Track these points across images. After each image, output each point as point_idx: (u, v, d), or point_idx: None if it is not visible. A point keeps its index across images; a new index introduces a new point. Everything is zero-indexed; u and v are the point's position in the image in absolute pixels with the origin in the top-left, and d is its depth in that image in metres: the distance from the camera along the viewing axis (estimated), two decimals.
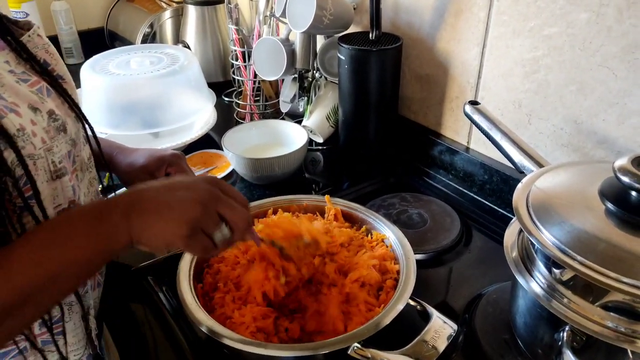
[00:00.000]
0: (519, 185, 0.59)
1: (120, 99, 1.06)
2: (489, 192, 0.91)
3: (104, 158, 0.69)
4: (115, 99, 1.06)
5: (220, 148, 1.13)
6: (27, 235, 0.48)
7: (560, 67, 0.76)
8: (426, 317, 0.59)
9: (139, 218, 0.49)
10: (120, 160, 0.76)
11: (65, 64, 0.63)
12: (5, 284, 0.43)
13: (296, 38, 1.07)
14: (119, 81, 1.06)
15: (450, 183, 0.98)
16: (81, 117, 0.62)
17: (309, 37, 1.07)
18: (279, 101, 1.22)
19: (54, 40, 1.63)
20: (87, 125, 0.63)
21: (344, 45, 0.94)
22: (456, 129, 0.97)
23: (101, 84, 1.06)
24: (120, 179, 0.77)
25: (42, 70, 0.57)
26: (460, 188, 0.96)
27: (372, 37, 0.95)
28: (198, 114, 1.15)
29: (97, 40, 1.70)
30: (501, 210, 0.89)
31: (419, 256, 0.78)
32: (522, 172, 0.66)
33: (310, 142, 1.13)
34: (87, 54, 1.17)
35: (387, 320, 0.57)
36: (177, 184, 0.53)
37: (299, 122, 1.11)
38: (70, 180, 0.56)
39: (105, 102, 1.07)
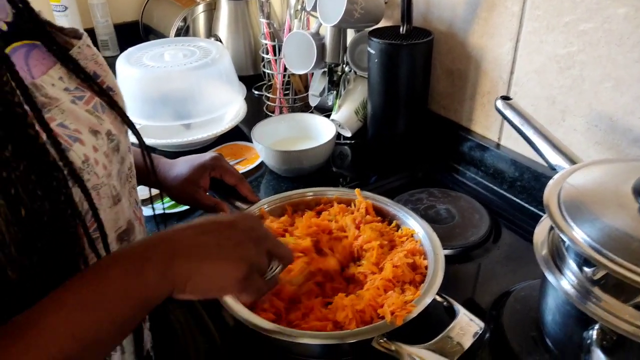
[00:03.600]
0: (551, 182, 0.58)
1: (154, 90, 1.09)
2: (520, 190, 0.90)
3: (142, 175, 0.65)
4: (149, 90, 1.09)
5: (249, 140, 1.14)
6: (57, 296, 0.41)
7: (596, 63, 0.74)
8: (452, 314, 0.59)
9: (183, 265, 0.44)
10: (164, 175, 0.76)
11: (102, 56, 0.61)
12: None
13: (326, 32, 1.07)
14: (153, 73, 1.08)
15: (480, 179, 0.98)
16: (134, 131, 0.59)
17: (339, 31, 1.07)
18: (308, 95, 1.23)
19: (91, 32, 1.67)
20: (140, 139, 0.61)
21: (374, 39, 0.94)
22: (487, 125, 0.97)
23: (136, 75, 1.09)
24: (168, 193, 0.77)
25: (94, 84, 0.53)
26: (490, 185, 0.95)
27: (402, 31, 0.95)
28: (229, 106, 1.17)
29: (131, 34, 1.73)
30: (532, 208, 0.88)
31: (446, 252, 0.77)
32: (554, 169, 0.65)
33: (338, 136, 1.13)
34: (122, 47, 1.20)
35: (413, 314, 0.57)
36: (218, 223, 0.49)
37: (328, 116, 1.12)
38: (125, 201, 0.54)
39: (140, 93, 1.09)
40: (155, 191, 0.82)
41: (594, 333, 0.50)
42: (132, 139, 0.60)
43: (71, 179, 0.44)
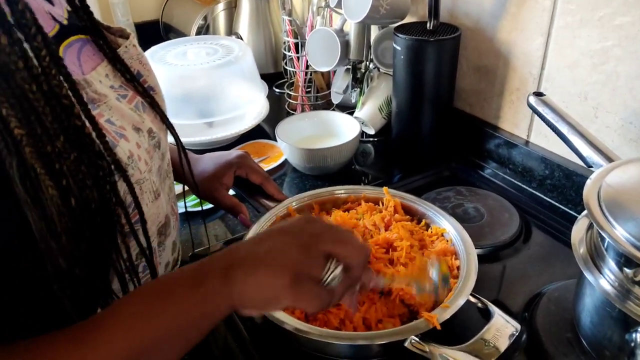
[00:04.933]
0: (589, 181, 0.57)
1: (178, 88, 1.09)
2: (550, 188, 0.88)
3: (191, 174, 0.67)
4: (172, 88, 1.09)
5: (271, 138, 1.14)
6: (117, 306, 0.42)
7: (632, 58, 0.72)
8: (487, 315, 0.58)
9: (238, 278, 0.43)
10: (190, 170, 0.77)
11: None
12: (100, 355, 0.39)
13: (350, 28, 1.06)
14: (177, 71, 1.08)
15: (507, 177, 0.96)
16: (173, 132, 0.60)
17: (364, 27, 1.06)
18: (330, 92, 1.22)
19: None
20: (177, 138, 0.62)
21: (400, 35, 0.93)
22: (515, 122, 0.95)
23: (160, 74, 1.07)
24: (191, 189, 0.77)
25: (137, 84, 0.55)
26: (518, 183, 0.94)
27: (429, 27, 0.93)
28: (251, 104, 1.17)
29: (152, 32, 1.74)
30: (562, 207, 0.86)
31: (476, 251, 0.76)
32: (590, 167, 0.63)
33: (362, 133, 1.12)
34: (143, 46, 1.19)
35: (447, 315, 0.56)
36: (273, 231, 0.48)
37: (350, 114, 1.11)
38: (164, 196, 0.55)
39: (164, 91, 1.07)
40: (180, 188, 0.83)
41: (637, 335, 0.48)
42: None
43: (117, 171, 0.45)
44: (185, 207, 0.74)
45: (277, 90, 1.39)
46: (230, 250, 0.46)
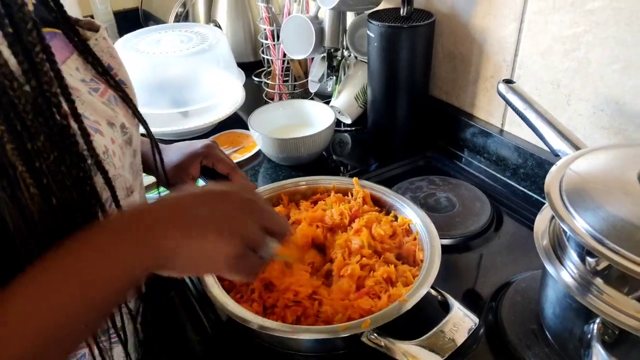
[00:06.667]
0: (553, 168, 0.55)
1: (151, 77, 1.07)
2: (523, 177, 0.87)
3: (163, 169, 0.66)
4: (145, 77, 1.07)
5: (248, 128, 1.12)
6: (28, 275, 0.36)
7: (603, 44, 0.71)
8: (447, 308, 0.57)
9: (169, 236, 0.40)
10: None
11: None
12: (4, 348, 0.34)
13: (325, 15, 1.04)
14: (150, 60, 1.06)
15: (482, 167, 0.95)
16: (145, 126, 0.58)
17: (339, 14, 1.04)
18: (308, 81, 1.20)
19: None
20: (150, 133, 0.61)
21: (373, 22, 0.91)
22: (490, 110, 0.93)
23: (133, 62, 1.07)
24: (156, 179, 0.76)
25: (108, 77, 0.53)
26: (493, 172, 0.93)
27: (403, 13, 0.91)
28: (227, 93, 1.15)
29: (131, 21, 1.71)
30: (535, 196, 0.85)
31: (446, 241, 0.75)
32: (557, 156, 0.62)
33: (338, 122, 1.11)
34: (122, 34, 1.18)
35: (407, 307, 0.55)
36: (213, 195, 0.45)
37: (328, 103, 1.09)
38: (137, 193, 0.54)
39: (137, 80, 1.05)
40: (149, 180, 0.81)
41: (594, 327, 0.48)
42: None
43: (96, 169, 0.44)
44: (152, 199, 0.72)
45: (255, 79, 1.37)
46: (156, 207, 0.42)
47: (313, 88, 1.18)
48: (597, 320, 0.48)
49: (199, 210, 0.42)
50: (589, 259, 0.50)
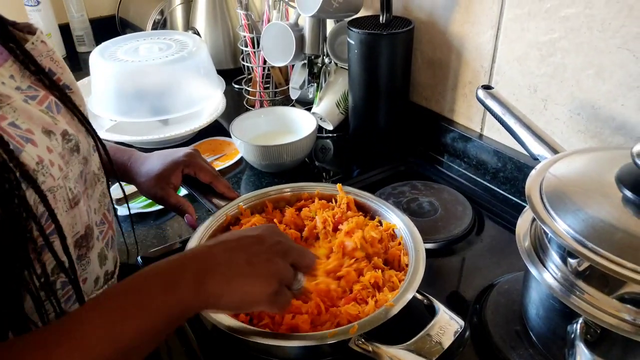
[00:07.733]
0: (533, 172, 0.57)
1: (129, 85, 1.05)
2: (503, 180, 0.88)
3: (117, 171, 0.67)
4: (124, 85, 1.05)
5: (229, 135, 1.12)
6: (95, 304, 0.42)
7: (578, 50, 0.73)
8: (433, 312, 0.57)
9: (216, 283, 0.45)
10: (136, 170, 0.74)
11: (77, 52, 0.58)
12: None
13: (305, 22, 1.05)
14: (128, 68, 1.05)
15: (463, 171, 0.96)
16: (92, 132, 0.57)
17: (319, 21, 1.05)
18: (289, 88, 1.21)
19: (66, 28, 1.63)
20: (97, 139, 0.58)
21: (353, 29, 0.92)
22: (469, 116, 0.95)
23: (110, 70, 1.06)
24: (139, 189, 0.75)
25: (49, 82, 0.51)
26: (473, 176, 0.94)
27: (382, 20, 0.92)
28: (207, 100, 1.14)
29: (108, 28, 1.69)
30: (515, 199, 0.86)
31: (429, 245, 0.76)
32: (536, 159, 0.64)
33: (320, 129, 1.11)
34: (99, 42, 1.16)
35: (394, 312, 0.55)
36: (246, 239, 0.51)
37: (309, 109, 1.09)
38: (84, 204, 0.52)
39: (114, 88, 1.06)
40: (131, 189, 0.80)
41: (577, 327, 0.49)
42: (108, 137, 0.58)
43: (24, 181, 0.42)
44: (129, 209, 0.71)
45: (236, 86, 1.37)
46: (202, 255, 0.48)
47: (294, 95, 1.18)
48: (580, 320, 0.49)
49: (239, 257, 0.48)
50: (570, 260, 0.51)
